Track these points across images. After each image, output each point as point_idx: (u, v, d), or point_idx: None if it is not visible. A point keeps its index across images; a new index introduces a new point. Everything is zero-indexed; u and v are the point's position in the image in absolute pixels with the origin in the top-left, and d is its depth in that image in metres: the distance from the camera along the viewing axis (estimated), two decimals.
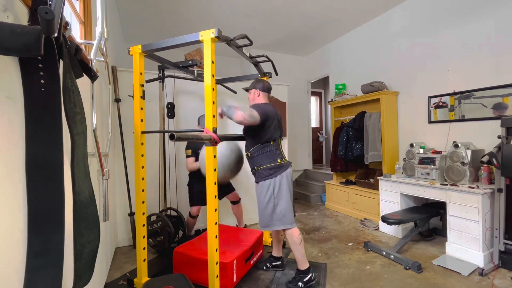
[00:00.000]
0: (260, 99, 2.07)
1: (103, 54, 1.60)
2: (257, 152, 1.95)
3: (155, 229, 2.53)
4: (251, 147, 1.99)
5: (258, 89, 2.07)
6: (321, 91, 6.43)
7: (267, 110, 1.92)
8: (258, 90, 2.07)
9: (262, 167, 1.93)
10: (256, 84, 2.09)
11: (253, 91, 2.09)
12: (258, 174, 1.96)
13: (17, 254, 0.71)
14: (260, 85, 2.08)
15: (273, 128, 1.95)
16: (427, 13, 3.11)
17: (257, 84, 2.09)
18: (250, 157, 2.00)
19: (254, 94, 2.08)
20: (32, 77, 0.70)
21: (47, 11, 0.61)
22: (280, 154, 2.00)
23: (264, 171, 1.92)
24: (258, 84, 2.08)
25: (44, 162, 0.72)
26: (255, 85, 2.09)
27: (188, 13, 3.57)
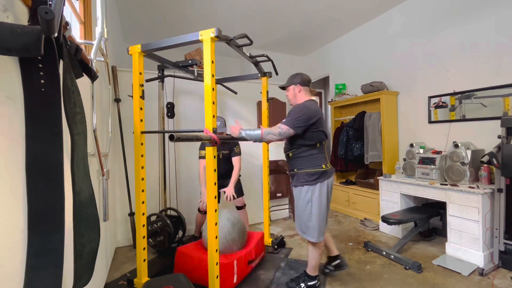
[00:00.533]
0: (302, 96, 1.88)
1: (103, 54, 1.60)
2: (301, 154, 1.79)
3: (155, 229, 2.53)
4: (293, 148, 1.83)
5: (298, 84, 1.87)
6: (321, 91, 6.42)
7: (310, 113, 1.74)
8: (299, 86, 1.87)
9: (304, 171, 1.78)
10: (294, 78, 1.89)
11: (292, 88, 1.89)
12: (297, 177, 1.81)
13: (17, 254, 0.71)
14: (299, 79, 1.87)
15: (320, 129, 1.79)
16: (427, 13, 3.11)
17: (295, 79, 1.88)
18: (292, 158, 1.85)
19: (294, 91, 1.88)
20: (32, 77, 0.70)
21: (47, 11, 0.61)
22: (324, 158, 1.83)
23: (305, 176, 1.77)
24: (296, 78, 1.88)
25: (44, 162, 0.71)
26: (292, 80, 1.89)
27: (188, 13, 3.57)
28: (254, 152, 3.45)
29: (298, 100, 1.88)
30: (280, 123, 1.76)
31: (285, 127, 1.71)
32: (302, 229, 1.83)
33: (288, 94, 1.93)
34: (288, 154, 1.88)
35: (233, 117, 3.36)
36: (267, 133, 1.73)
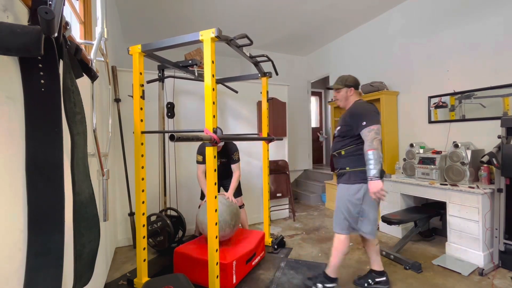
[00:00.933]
0: (353, 98, 1.90)
1: (103, 54, 1.60)
2: (355, 152, 1.78)
3: (155, 229, 2.53)
4: (345, 146, 1.83)
5: (351, 87, 1.88)
6: (321, 91, 6.43)
7: (376, 110, 1.77)
8: (352, 89, 1.88)
9: (358, 169, 1.77)
10: (347, 81, 1.89)
11: (344, 90, 1.89)
12: (349, 175, 1.81)
13: (17, 254, 0.71)
14: (352, 82, 1.89)
15: None
16: (427, 13, 3.11)
17: (348, 82, 1.89)
18: (344, 155, 1.84)
19: (346, 93, 1.89)
20: (32, 77, 0.70)
21: (47, 11, 0.61)
22: None
23: (359, 174, 1.76)
24: (349, 82, 1.89)
25: (44, 162, 0.71)
26: (345, 83, 1.89)
27: (188, 13, 3.57)
28: (254, 152, 3.45)
29: (348, 102, 1.91)
30: (365, 127, 1.70)
31: (375, 125, 1.69)
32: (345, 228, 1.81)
33: (338, 95, 1.93)
34: (340, 152, 1.86)
35: (233, 117, 3.37)
36: (372, 143, 1.66)
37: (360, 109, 1.79)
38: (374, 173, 1.65)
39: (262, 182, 3.33)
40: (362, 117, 1.73)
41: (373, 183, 1.65)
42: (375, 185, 1.64)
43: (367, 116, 1.72)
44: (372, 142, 1.66)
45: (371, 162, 1.65)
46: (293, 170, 5.10)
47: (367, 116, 1.72)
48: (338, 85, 1.92)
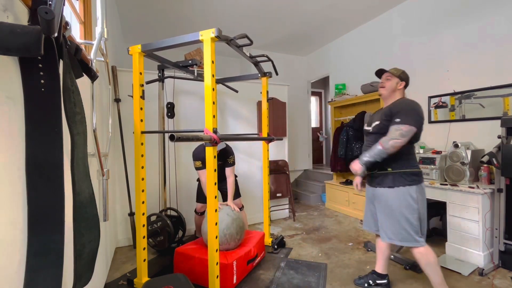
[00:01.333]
0: (398, 93, 1.77)
1: (103, 54, 1.60)
2: (398, 153, 1.63)
3: (155, 229, 2.53)
4: None
5: (404, 81, 1.76)
6: (321, 91, 6.43)
7: (421, 109, 1.65)
8: (403, 83, 1.76)
9: (401, 171, 1.65)
10: (403, 74, 1.77)
11: (396, 81, 1.75)
12: (393, 178, 1.67)
13: (17, 254, 0.71)
14: (406, 78, 1.78)
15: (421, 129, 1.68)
16: (427, 13, 3.11)
17: (404, 74, 1.77)
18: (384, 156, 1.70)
19: (396, 85, 1.75)
20: (32, 77, 0.70)
21: (47, 11, 0.61)
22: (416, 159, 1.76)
23: (405, 176, 1.64)
24: (405, 75, 1.77)
25: (44, 162, 0.71)
26: (401, 75, 1.77)
27: (188, 13, 3.57)
28: (254, 152, 3.45)
29: (392, 95, 1.77)
30: (395, 124, 1.60)
31: (406, 126, 1.57)
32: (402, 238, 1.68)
33: (387, 84, 1.78)
34: None
35: (233, 117, 3.37)
36: (387, 141, 1.58)
37: (403, 106, 1.66)
38: (363, 159, 1.66)
39: (262, 182, 3.33)
40: (400, 114, 1.62)
41: (356, 163, 1.68)
42: (355, 165, 1.69)
43: (405, 114, 1.61)
44: (389, 141, 1.57)
45: (371, 153, 1.62)
46: (293, 170, 5.10)
47: (405, 114, 1.61)
48: (391, 72, 1.78)
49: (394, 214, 1.68)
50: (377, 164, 1.70)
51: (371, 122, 1.82)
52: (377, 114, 1.82)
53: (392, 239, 1.71)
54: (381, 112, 1.78)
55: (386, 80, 1.79)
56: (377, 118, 1.77)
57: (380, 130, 1.71)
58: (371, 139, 1.77)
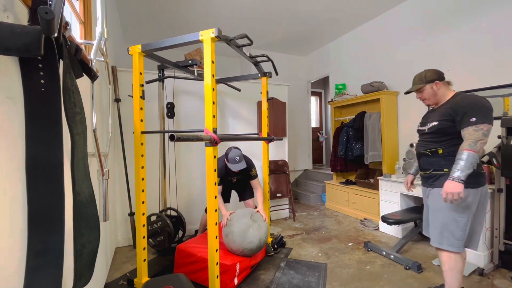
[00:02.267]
0: (444, 91, 1.66)
1: (103, 54, 1.60)
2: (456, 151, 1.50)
3: (155, 229, 2.53)
4: (444, 144, 1.59)
5: (436, 81, 1.64)
6: (321, 91, 6.43)
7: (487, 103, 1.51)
8: (437, 83, 1.64)
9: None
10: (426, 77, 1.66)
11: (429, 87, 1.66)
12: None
13: (17, 254, 0.71)
14: (434, 75, 1.65)
15: None
16: (427, 13, 3.11)
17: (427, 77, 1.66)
18: (441, 155, 1.60)
19: (432, 89, 1.66)
20: (32, 77, 0.70)
21: (47, 11, 0.61)
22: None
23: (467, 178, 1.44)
24: (429, 76, 1.66)
25: (44, 162, 0.71)
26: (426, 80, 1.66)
27: (188, 13, 3.57)
28: (254, 152, 3.45)
29: (441, 98, 1.67)
30: (472, 124, 1.46)
31: (485, 125, 1.44)
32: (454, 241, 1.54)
33: (423, 95, 1.71)
34: (436, 151, 1.62)
35: (233, 117, 3.37)
36: (474, 144, 1.42)
37: (470, 102, 1.52)
38: (458, 175, 1.41)
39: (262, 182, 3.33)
40: (471, 112, 1.47)
41: (453, 184, 1.42)
42: (454, 187, 1.41)
43: (478, 111, 1.47)
44: (476, 143, 1.41)
45: (462, 163, 1.42)
46: (293, 170, 5.10)
47: (478, 112, 1.46)
48: (417, 85, 1.70)
49: (442, 215, 1.58)
50: (432, 164, 1.64)
51: (425, 123, 1.72)
52: (432, 114, 1.70)
53: (444, 244, 1.58)
54: (438, 111, 1.66)
55: (421, 94, 1.72)
56: (434, 118, 1.65)
57: (439, 131, 1.61)
58: (426, 139, 1.69)
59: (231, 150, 2.33)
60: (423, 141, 1.73)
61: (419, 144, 1.77)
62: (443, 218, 1.58)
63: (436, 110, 1.71)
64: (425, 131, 1.70)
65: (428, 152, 1.67)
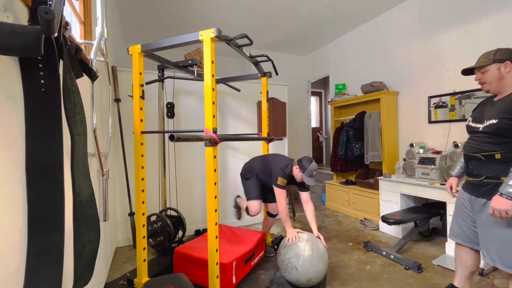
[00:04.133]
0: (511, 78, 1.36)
1: (103, 54, 1.60)
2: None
3: (155, 229, 2.53)
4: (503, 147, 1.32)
5: (507, 61, 1.35)
6: (321, 91, 6.43)
7: None
8: (509, 63, 1.35)
9: None
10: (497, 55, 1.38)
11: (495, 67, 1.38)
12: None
13: (17, 254, 0.71)
14: (508, 54, 1.36)
15: None
16: (427, 13, 3.11)
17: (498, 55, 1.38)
18: (498, 160, 1.33)
19: (499, 71, 1.37)
20: (32, 77, 0.70)
21: (47, 11, 0.61)
22: None
23: None
24: (501, 54, 1.37)
25: (44, 162, 0.71)
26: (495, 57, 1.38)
27: (188, 13, 3.57)
28: (254, 152, 3.45)
29: (506, 86, 1.36)
30: None
31: None
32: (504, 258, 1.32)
33: (485, 77, 1.43)
34: (493, 155, 1.35)
35: (233, 117, 3.37)
36: None
37: None
38: (509, 191, 1.20)
39: None
40: None
41: (500, 200, 1.22)
42: (502, 203, 1.22)
43: None
44: None
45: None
46: None
47: None
48: (481, 62, 1.43)
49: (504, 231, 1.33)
50: (486, 171, 1.38)
51: (482, 119, 1.43)
52: (491, 108, 1.41)
53: (496, 261, 1.36)
54: (499, 106, 1.37)
55: (482, 75, 1.44)
56: (493, 115, 1.37)
57: (497, 131, 1.33)
58: (480, 140, 1.41)
59: (310, 162, 2.07)
60: (475, 141, 1.44)
61: (469, 144, 1.48)
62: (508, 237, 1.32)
63: (496, 103, 1.40)
64: (479, 130, 1.41)
65: (481, 155, 1.39)
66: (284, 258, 1.89)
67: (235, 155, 3.37)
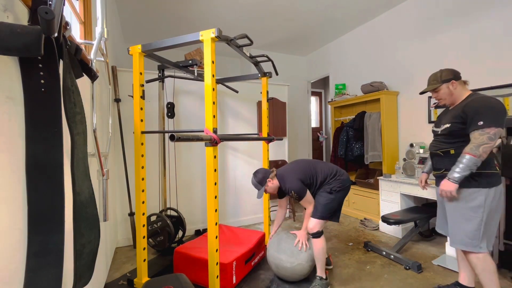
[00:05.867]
0: (460, 91, 1.65)
1: (103, 54, 1.60)
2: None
3: (155, 229, 2.53)
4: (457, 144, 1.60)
5: (452, 80, 1.64)
6: (321, 91, 6.43)
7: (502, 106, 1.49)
8: (453, 82, 1.63)
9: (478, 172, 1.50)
10: (442, 76, 1.66)
11: (445, 87, 1.66)
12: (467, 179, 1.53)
13: (17, 254, 0.71)
14: (449, 74, 1.65)
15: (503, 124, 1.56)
16: (427, 13, 3.11)
17: (443, 76, 1.66)
18: (453, 155, 1.60)
19: (449, 89, 1.65)
20: (32, 77, 0.70)
21: (47, 11, 0.61)
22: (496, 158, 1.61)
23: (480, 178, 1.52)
24: (445, 75, 1.65)
25: (44, 162, 0.71)
26: (441, 79, 1.66)
27: (188, 13, 3.57)
28: (254, 152, 3.45)
29: (456, 98, 1.66)
30: (479, 128, 1.47)
31: (492, 129, 1.44)
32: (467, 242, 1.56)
33: (439, 95, 1.70)
34: (448, 151, 1.64)
35: (233, 117, 3.37)
36: (476, 148, 1.44)
37: (480, 105, 1.51)
38: (454, 176, 1.50)
39: None
40: (480, 115, 1.48)
41: (447, 183, 1.52)
42: (448, 185, 1.52)
43: (487, 114, 1.47)
44: (479, 147, 1.43)
45: (460, 165, 1.47)
46: None
47: (487, 115, 1.47)
48: (433, 85, 1.71)
49: (460, 216, 1.59)
50: (444, 164, 1.66)
51: (439, 124, 1.74)
52: (446, 115, 1.72)
53: (456, 243, 1.62)
54: (451, 113, 1.67)
55: (437, 94, 1.72)
56: (446, 121, 1.67)
57: (451, 133, 1.63)
58: (439, 140, 1.72)
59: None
60: (436, 142, 1.75)
61: (432, 144, 1.79)
62: (456, 218, 1.61)
63: (450, 111, 1.71)
64: (438, 132, 1.73)
65: (440, 152, 1.70)
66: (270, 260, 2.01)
67: (235, 155, 3.37)
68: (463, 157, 1.48)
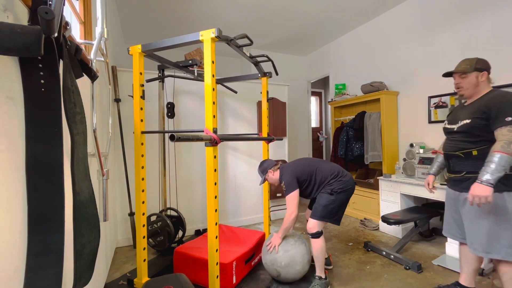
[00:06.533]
0: (485, 86, 1.54)
1: (103, 54, 1.60)
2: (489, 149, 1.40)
3: (155, 229, 2.53)
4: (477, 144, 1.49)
5: (484, 71, 1.52)
6: (321, 91, 6.43)
7: None
8: (485, 73, 1.52)
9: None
10: (478, 64, 1.53)
11: (474, 75, 1.53)
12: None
13: (17, 254, 0.71)
14: (485, 65, 1.53)
15: None
16: (427, 13, 3.11)
17: (479, 64, 1.53)
18: (475, 157, 1.49)
19: (477, 79, 1.53)
20: (32, 77, 0.70)
21: (47, 11, 0.61)
22: None
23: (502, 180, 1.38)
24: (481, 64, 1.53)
25: (44, 162, 0.71)
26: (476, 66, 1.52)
27: (188, 13, 3.57)
28: (254, 152, 3.45)
29: (478, 91, 1.54)
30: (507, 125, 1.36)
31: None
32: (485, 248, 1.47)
33: (463, 82, 1.56)
34: (470, 152, 1.51)
35: (233, 117, 3.37)
36: (507, 146, 1.31)
37: (506, 99, 1.41)
38: (488, 178, 1.31)
39: None
40: (507, 110, 1.37)
41: (481, 187, 1.32)
42: (482, 190, 1.32)
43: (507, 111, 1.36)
44: (510, 145, 1.31)
45: (493, 166, 1.31)
46: None
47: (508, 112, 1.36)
48: (464, 68, 1.55)
49: (485, 222, 1.47)
50: (464, 166, 1.53)
51: (456, 120, 1.60)
52: (463, 111, 1.59)
53: (478, 250, 1.51)
54: (470, 108, 1.54)
55: (462, 80, 1.57)
56: (465, 116, 1.54)
57: (470, 130, 1.50)
58: (457, 139, 1.57)
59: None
60: (453, 141, 1.60)
61: (448, 144, 1.64)
62: (488, 226, 1.46)
63: (467, 106, 1.58)
64: (454, 130, 1.58)
65: (460, 153, 1.55)
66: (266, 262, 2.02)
67: (235, 155, 3.37)
68: (493, 156, 1.33)
